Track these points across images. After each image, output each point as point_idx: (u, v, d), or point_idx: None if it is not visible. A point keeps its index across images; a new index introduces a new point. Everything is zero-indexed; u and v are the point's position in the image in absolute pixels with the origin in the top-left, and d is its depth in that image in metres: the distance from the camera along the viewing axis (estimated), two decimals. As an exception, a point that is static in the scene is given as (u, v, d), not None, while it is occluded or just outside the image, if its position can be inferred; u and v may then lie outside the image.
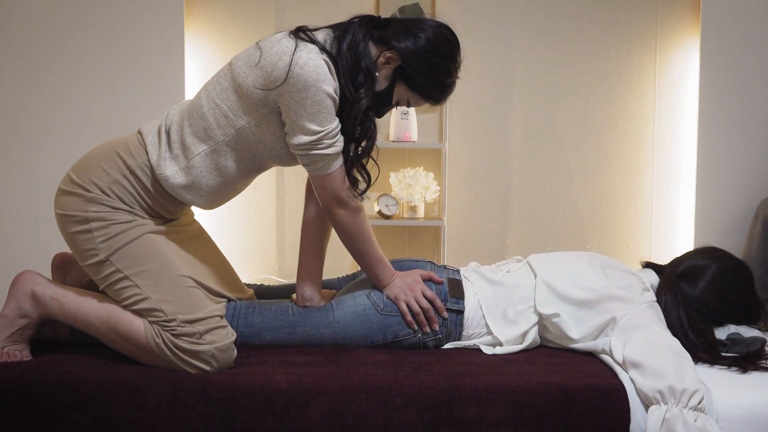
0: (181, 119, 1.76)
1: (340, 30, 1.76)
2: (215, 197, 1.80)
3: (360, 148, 1.81)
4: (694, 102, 3.17)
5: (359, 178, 1.82)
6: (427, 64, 1.74)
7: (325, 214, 1.81)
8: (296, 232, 3.25)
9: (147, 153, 1.74)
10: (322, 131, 1.67)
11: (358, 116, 1.74)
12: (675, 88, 3.24)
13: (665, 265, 2.01)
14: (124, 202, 1.72)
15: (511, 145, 3.28)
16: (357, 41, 1.72)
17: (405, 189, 3.07)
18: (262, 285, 2.18)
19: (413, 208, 3.13)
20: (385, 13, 3.14)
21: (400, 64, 1.74)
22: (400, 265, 1.95)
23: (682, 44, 3.22)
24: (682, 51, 3.22)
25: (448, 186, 3.20)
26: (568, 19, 3.24)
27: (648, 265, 2.05)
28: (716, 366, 1.74)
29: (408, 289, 1.83)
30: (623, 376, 1.63)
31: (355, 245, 1.82)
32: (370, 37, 1.75)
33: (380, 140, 3.27)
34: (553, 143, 3.28)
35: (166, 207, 1.79)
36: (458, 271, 1.98)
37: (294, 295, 1.94)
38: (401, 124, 3.08)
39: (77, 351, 1.78)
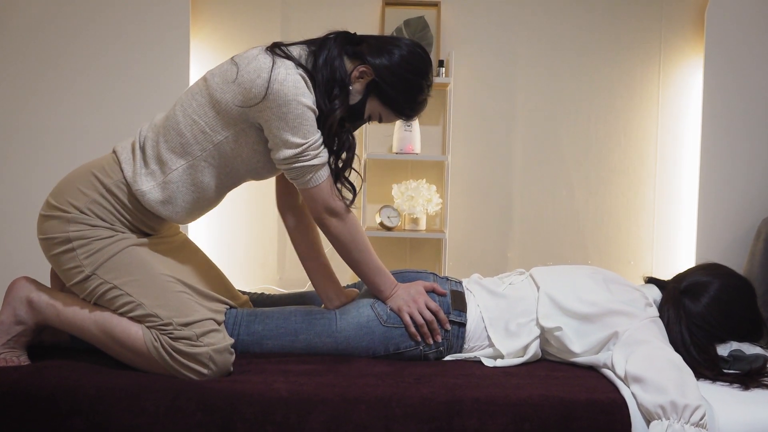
0: (156, 135, 1.77)
1: (315, 45, 1.79)
2: (190, 212, 1.81)
3: (341, 161, 1.84)
4: (696, 120, 3.17)
5: (344, 189, 1.84)
6: (401, 80, 1.79)
7: (319, 227, 1.82)
8: (297, 243, 3.27)
9: (122, 170, 1.75)
10: (306, 143, 1.70)
11: (333, 127, 1.77)
12: (678, 106, 3.25)
13: (668, 281, 2.01)
14: (104, 220, 1.73)
15: (513, 159, 3.29)
16: (333, 56, 1.76)
17: (407, 201, 3.07)
18: (263, 294, 2.18)
19: (415, 220, 3.13)
20: (390, 25, 3.15)
21: (373, 78, 1.78)
22: (403, 276, 1.94)
23: (686, 62, 3.23)
24: (686, 68, 3.23)
25: (450, 199, 3.20)
26: (571, 35, 3.25)
27: (651, 280, 2.04)
28: (718, 382, 1.73)
29: (411, 300, 1.83)
30: (625, 391, 1.62)
31: (352, 255, 1.82)
32: (345, 53, 1.79)
33: (383, 152, 3.29)
34: (555, 158, 3.28)
35: (145, 222, 1.79)
36: (460, 283, 1.98)
37: (323, 305, 1.95)
38: (404, 136, 3.09)
39: (76, 357, 1.78)
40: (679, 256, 3.26)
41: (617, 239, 3.30)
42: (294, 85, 1.66)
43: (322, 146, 1.73)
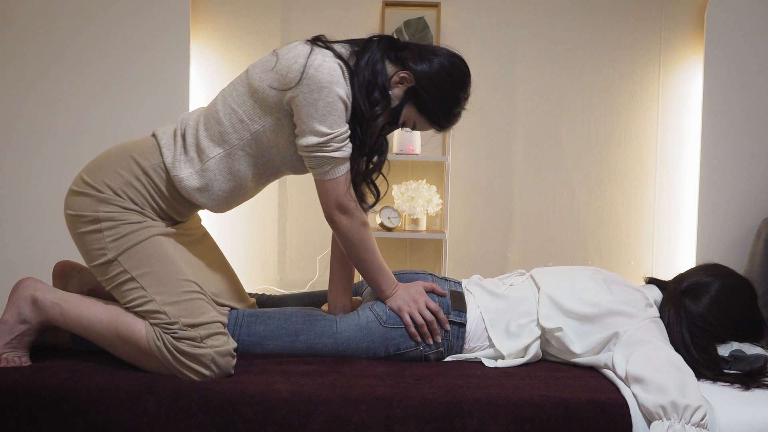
0: (196, 123, 1.80)
1: (359, 46, 1.80)
2: (226, 201, 1.82)
3: (371, 163, 1.85)
4: (696, 120, 3.17)
5: (368, 192, 1.85)
6: (439, 89, 1.79)
7: (328, 222, 1.82)
8: (297, 244, 3.28)
9: (162, 155, 1.77)
10: (331, 133, 1.70)
11: (375, 132, 1.78)
12: (678, 106, 3.25)
13: (669, 281, 2.01)
14: (135, 203, 1.74)
15: (513, 159, 3.29)
16: (375, 59, 1.77)
17: (407, 201, 3.08)
18: (264, 294, 2.18)
19: (415, 221, 3.13)
20: (390, 26, 3.15)
21: (412, 85, 1.79)
22: (401, 277, 1.95)
23: (686, 61, 3.23)
24: (686, 68, 3.24)
25: (451, 199, 3.20)
26: (572, 35, 3.25)
27: (651, 280, 2.05)
28: (718, 383, 1.74)
29: (411, 300, 1.83)
30: (625, 391, 1.62)
31: (357, 253, 1.83)
32: (387, 57, 1.80)
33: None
34: (556, 158, 3.28)
35: (177, 209, 1.81)
36: (459, 284, 1.98)
37: (325, 306, 1.96)
38: (405, 136, 3.09)
39: (77, 357, 1.78)
40: (679, 256, 3.26)
41: (617, 239, 3.30)
42: (330, 73, 1.68)
43: (347, 140, 1.73)
